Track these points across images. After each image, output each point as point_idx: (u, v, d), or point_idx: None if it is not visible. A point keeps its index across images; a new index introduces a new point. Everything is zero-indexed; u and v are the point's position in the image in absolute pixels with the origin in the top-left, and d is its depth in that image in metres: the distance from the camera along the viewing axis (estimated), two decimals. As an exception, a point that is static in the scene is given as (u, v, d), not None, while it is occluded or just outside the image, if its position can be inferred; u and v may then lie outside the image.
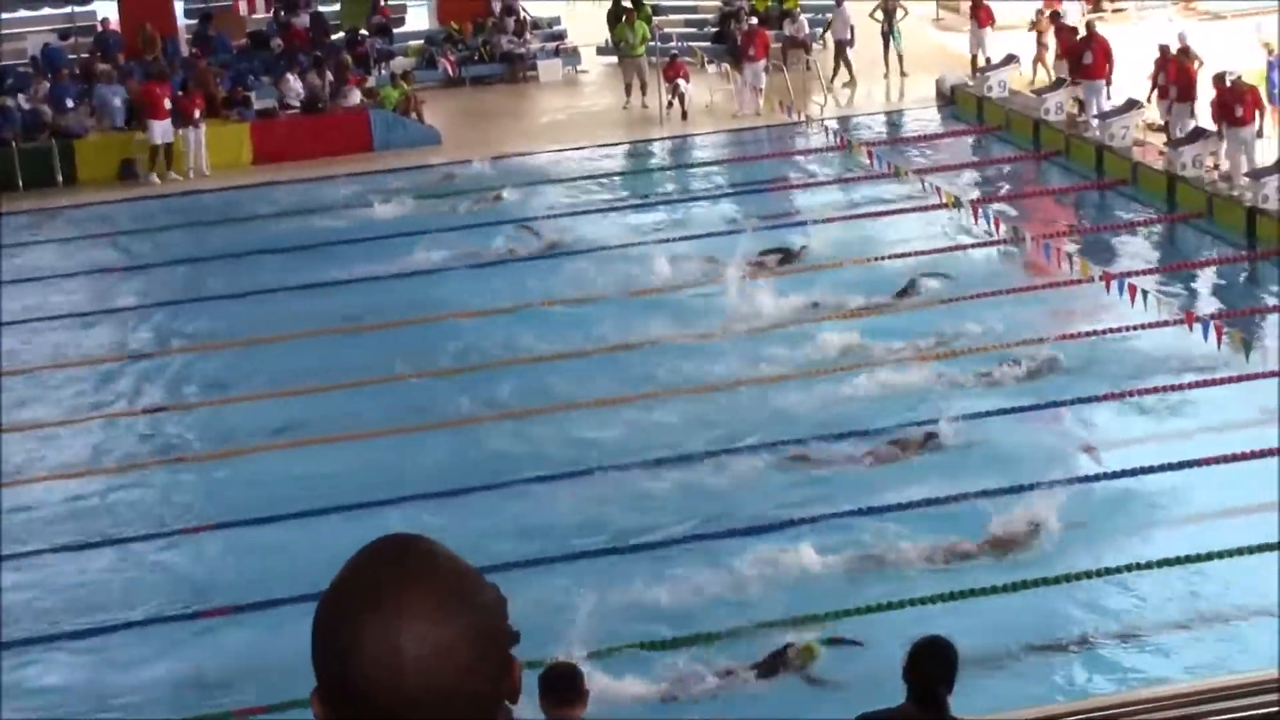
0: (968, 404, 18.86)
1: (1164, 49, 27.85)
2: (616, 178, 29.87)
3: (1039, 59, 32.17)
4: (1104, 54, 29.13)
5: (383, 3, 38.67)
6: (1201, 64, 27.58)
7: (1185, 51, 27.71)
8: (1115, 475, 17.13)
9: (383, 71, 35.45)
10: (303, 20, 36.92)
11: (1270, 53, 27.86)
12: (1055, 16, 32.02)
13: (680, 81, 32.77)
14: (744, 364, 20.59)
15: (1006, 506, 16.41)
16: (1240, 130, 25.51)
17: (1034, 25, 32.62)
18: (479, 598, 2.32)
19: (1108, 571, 15.20)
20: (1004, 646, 14.00)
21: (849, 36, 34.02)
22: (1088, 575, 15.15)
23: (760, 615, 14.60)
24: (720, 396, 19.82)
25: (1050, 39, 31.74)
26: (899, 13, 33.86)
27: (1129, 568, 15.25)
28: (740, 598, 15.08)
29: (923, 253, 24.02)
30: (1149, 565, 15.29)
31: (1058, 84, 30.19)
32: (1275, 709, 8.00)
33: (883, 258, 24.01)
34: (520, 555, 15.89)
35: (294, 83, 33.28)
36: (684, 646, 14.27)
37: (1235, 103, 25.47)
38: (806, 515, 16.52)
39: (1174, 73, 27.30)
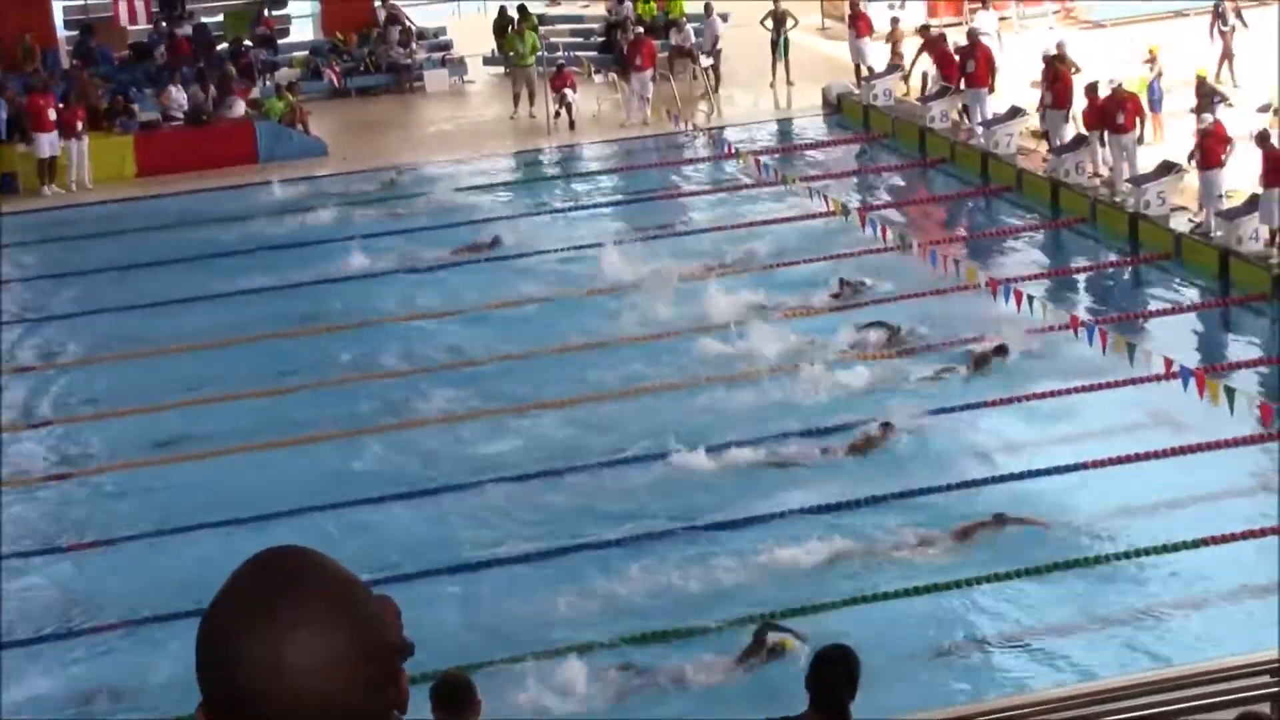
0: (870, 410, 19.03)
1: (1047, 58, 28.16)
2: (507, 188, 29.73)
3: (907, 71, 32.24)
4: (986, 62, 29.42)
5: (266, 14, 38.34)
6: (1078, 71, 27.93)
7: (1061, 59, 28.03)
8: (1004, 479, 17.30)
9: (267, 83, 35.15)
10: (186, 31, 36.53)
11: (1152, 60, 28.26)
12: (925, 29, 32.28)
13: (567, 91, 32.75)
14: (617, 373, 20.75)
15: (903, 512, 16.57)
16: (1122, 137, 25.84)
17: (889, 36, 32.83)
18: (364, 609, 2.30)
19: (997, 578, 15.34)
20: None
21: (712, 47, 34.05)
22: (978, 580, 15.28)
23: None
24: (606, 405, 19.85)
25: (905, 48, 32.11)
26: (788, 21, 34.01)
27: (1019, 573, 15.42)
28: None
29: (812, 260, 24.23)
30: (1039, 570, 15.47)
31: (942, 92, 30.45)
32: (1175, 707, 8.07)
33: (772, 266, 24.20)
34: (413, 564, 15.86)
35: (177, 94, 32.92)
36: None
37: (1117, 110, 25.79)
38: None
39: (1049, 80, 27.63)
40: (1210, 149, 23.80)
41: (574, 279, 24.39)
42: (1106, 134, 26.07)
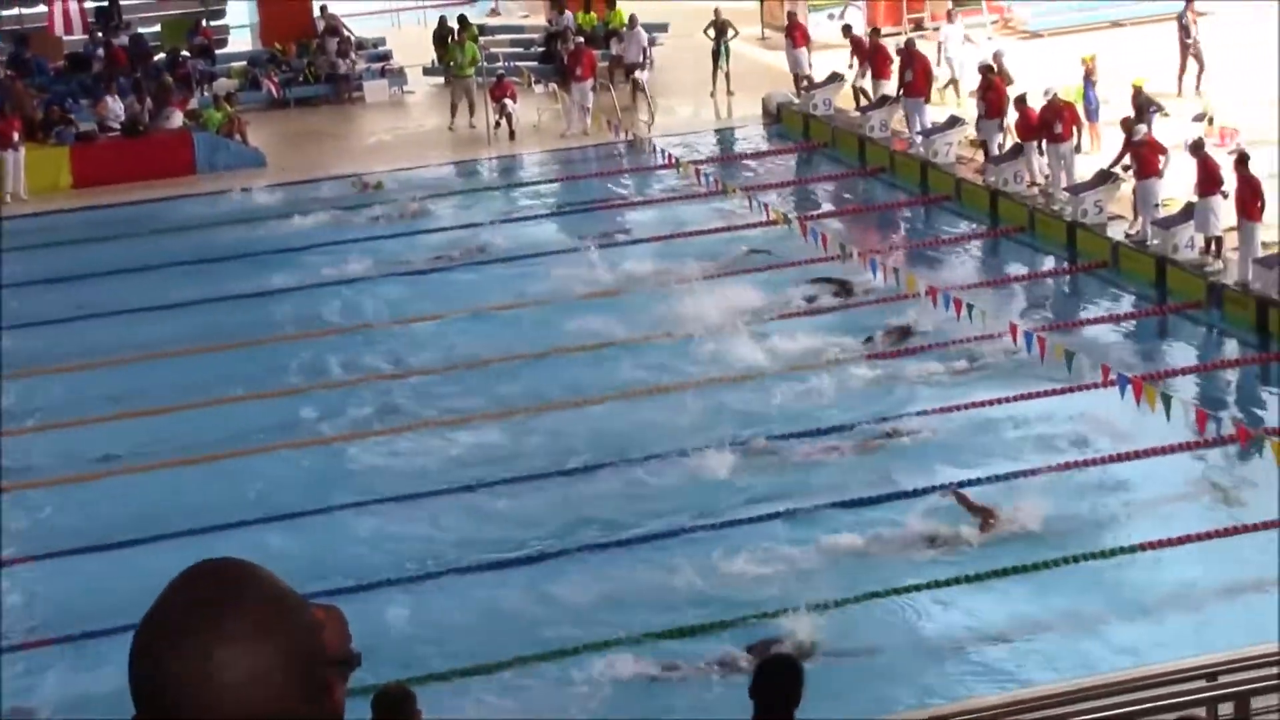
0: (807, 420, 19.10)
1: (982, 68, 28.31)
2: (447, 197, 29.65)
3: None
4: (924, 72, 29.54)
5: (204, 24, 38.14)
6: (1011, 82, 28.12)
7: (993, 69, 28.19)
8: (939, 488, 17.39)
9: (205, 93, 34.96)
10: (122, 41, 36.29)
11: (1088, 70, 28.42)
12: (875, 33, 32.38)
13: (507, 101, 32.72)
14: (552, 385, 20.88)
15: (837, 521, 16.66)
16: (1059, 146, 25.99)
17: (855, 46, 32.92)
18: (296, 621, 2.30)
19: (932, 586, 15.41)
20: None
21: (642, 60, 34.07)
22: (916, 589, 15.36)
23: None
24: (545, 416, 19.89)
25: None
26: (729, 31, 34.06)
27: (955, 581, 15.50)
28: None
29: (735, 272, 24.35)
30: (975, 578, 15.56)
31: (881, 101, 30.56)
32: (1112, 713, 8.11)
33: (710, 277, 24.32)
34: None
35: (114, 105, 32.71)
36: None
37: (1054, 119, 25.95)
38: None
39: (982, 90, 27.77)
40: (1146, 159, 23.97)
41: (519, 289, 24.50)
42: (1044, 143, 26.23)
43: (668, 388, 20.49)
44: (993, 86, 27.70)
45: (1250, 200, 21.92)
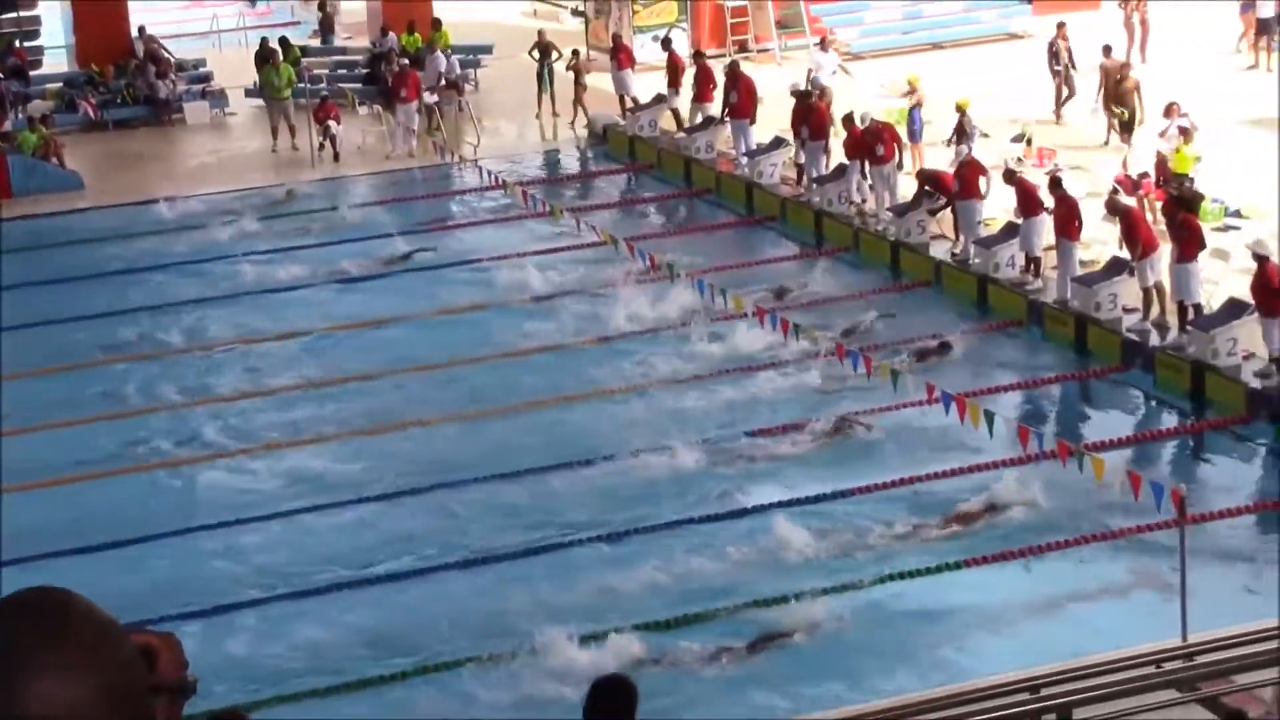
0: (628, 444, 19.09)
1: (797, 92, 28.47)
2: (265, 220, 29.27)
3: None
4: (749, 94, 29.68)
5: (17, 44, 37.31)
6: (829, 104, 28.38)
7: (807, 94, 28.39)
8: (764, 508, 17.48)
9: (19, 115, 34.19)
10: (-67, 62, 35.43)
11: (912, 92, 28.75)
12: (699, 55, 32.50)
13: (331, 123, 32.38)
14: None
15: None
16: (882, 168, 26.25)
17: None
18: (116, 653, 2.23)
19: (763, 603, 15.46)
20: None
21: (438, 82, 33.81)
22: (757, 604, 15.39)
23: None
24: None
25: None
26: (553, 53, 34.00)
27: (797, 596, 15.56)
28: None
29: (569, 292, 24.55)
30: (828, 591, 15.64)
31: (707, 123, 30.66)
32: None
33: (538, 298, 24.38)
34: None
35: (-75, 127, 31.90)
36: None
37: (875, 141, 26.22)
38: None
39: (803, 113, 27.96)
40: (968, 179, 24.29)
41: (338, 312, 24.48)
42: (867, 165, 26.47)
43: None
44: (814, 110, 27.92)
45: (1068, 220, 22.31)
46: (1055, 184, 22.81)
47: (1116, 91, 28.21)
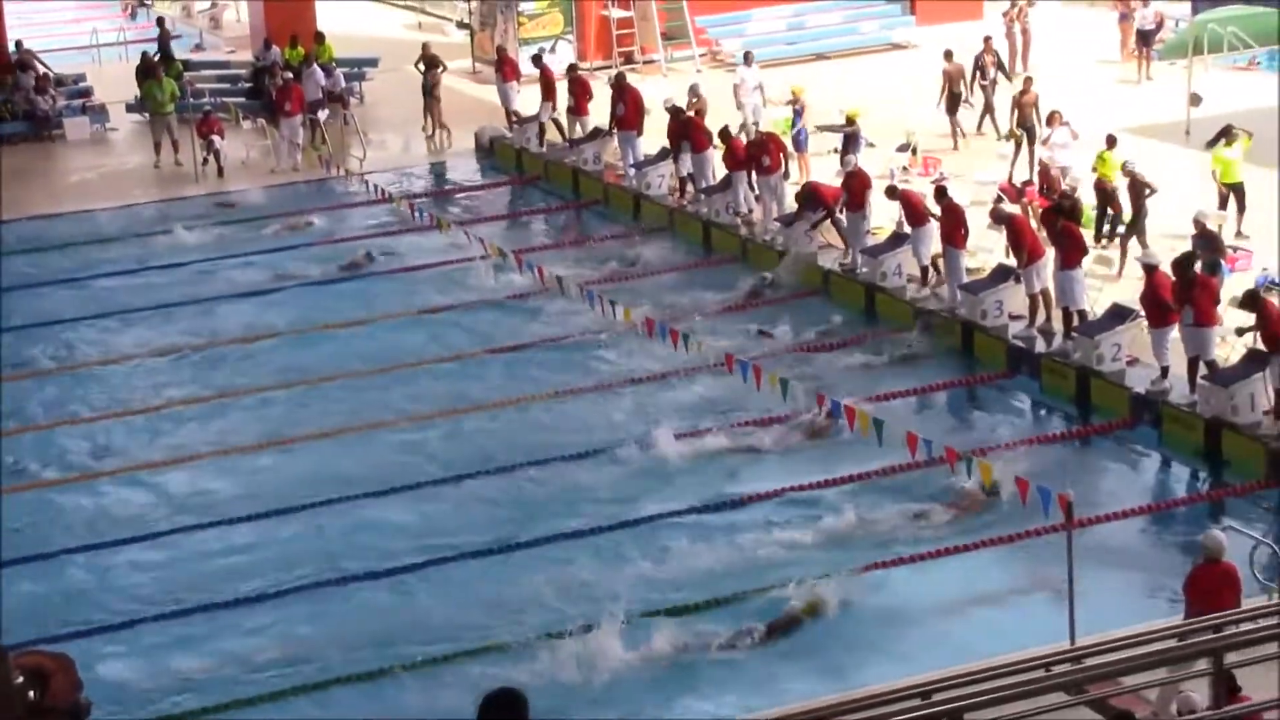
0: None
1: (671, 108, 28.52)
2: (143, 238, 28.93)
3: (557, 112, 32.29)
4: (635, 105, 29.68)
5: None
6: (703, 115, 28.51)
7: (679, 110, 28.44)
8: (658, 516, 17.43)
9: (-105, 132, 33.61)
10: None
11: (795, 101, 28.90)
12: (573, 68, 32.49)
13: (215, 138, 32.05)
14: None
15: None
16: (769, 178, 26.33)
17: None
18: None
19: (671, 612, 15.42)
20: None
21: (320, 97, 33.61)
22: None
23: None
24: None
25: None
26: (439, 65, 33.85)
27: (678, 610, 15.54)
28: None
29: (453, 307, 24.44)
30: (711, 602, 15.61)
31: (594, 134, 30.64)
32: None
33: (414, 312, 24.38)
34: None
35: None
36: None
37: (761, 153, 26.32)
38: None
39: (680, 128, 27.98)
40: (855, 190, 24.42)
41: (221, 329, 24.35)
42: (755, 176, 26.54)
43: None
44: (692, 122, 28.00)
45: (954, 229, 22.48)
46: (940, 193, 22.99)
47: (1017, 104, 28.34)
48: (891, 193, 23.75)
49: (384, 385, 21.80)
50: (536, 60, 33.04)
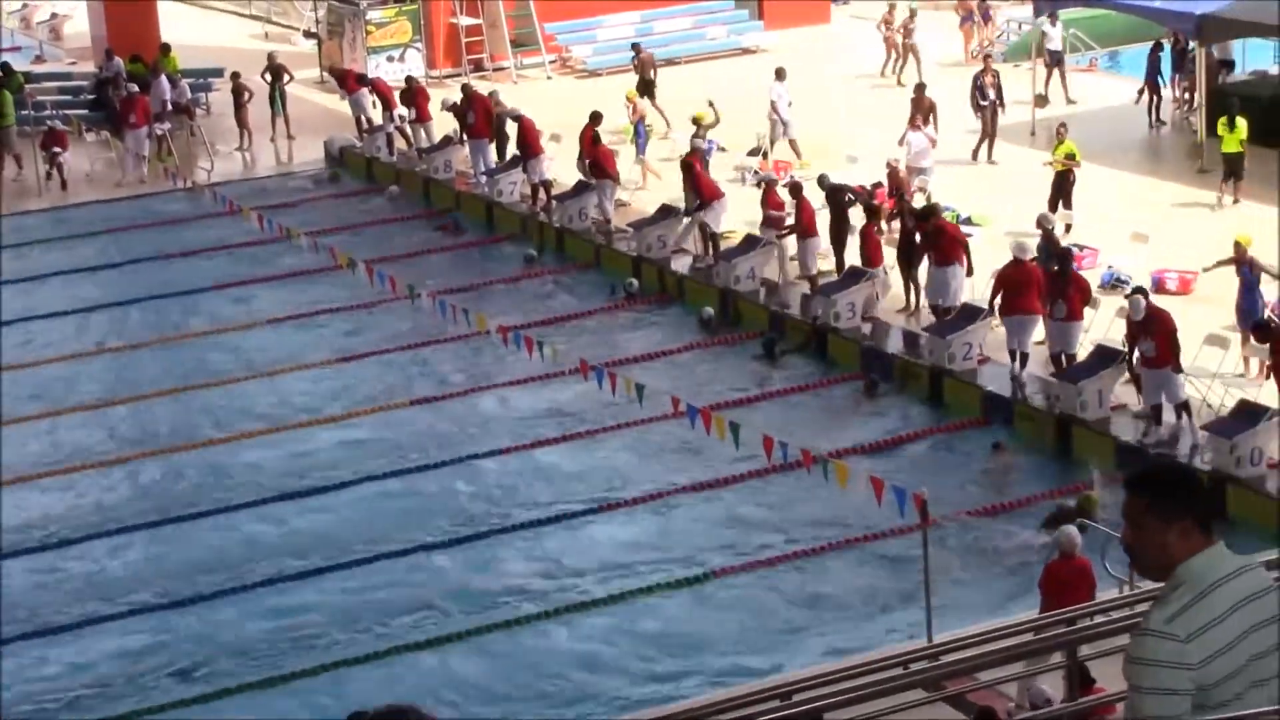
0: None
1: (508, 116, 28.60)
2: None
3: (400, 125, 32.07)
4: (485, 113, 29.56)
5: None
6: (518, 119, 28.70)
7: (516, 117, 28.54)
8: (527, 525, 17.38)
9: None
10: None
11: (633, 109, 29.08)
12: (410, 80, 32.33)
13: (58, 150, 31.46)
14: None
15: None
16: (607, 183, 26.59)
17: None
18: None
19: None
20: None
21: (164, 108, 33.14)
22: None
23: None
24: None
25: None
26: (284, 75, 33.48)
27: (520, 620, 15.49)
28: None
29: (332, 310, 24.54)
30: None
31: (444, 142, 30.48)
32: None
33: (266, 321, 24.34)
34: None
35: None
36: None
37: (605, 159, 26.56)
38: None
39: (523, 135, 28.10)
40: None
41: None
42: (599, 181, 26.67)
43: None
44: (525, 129, 28.09)
45: (809, 224, 22.96)
46: (795, 190, 23.43)
47: (919, 108, 28.14)
48: (766, 203, 24.17)
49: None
50: (360, 79, 32.76)
